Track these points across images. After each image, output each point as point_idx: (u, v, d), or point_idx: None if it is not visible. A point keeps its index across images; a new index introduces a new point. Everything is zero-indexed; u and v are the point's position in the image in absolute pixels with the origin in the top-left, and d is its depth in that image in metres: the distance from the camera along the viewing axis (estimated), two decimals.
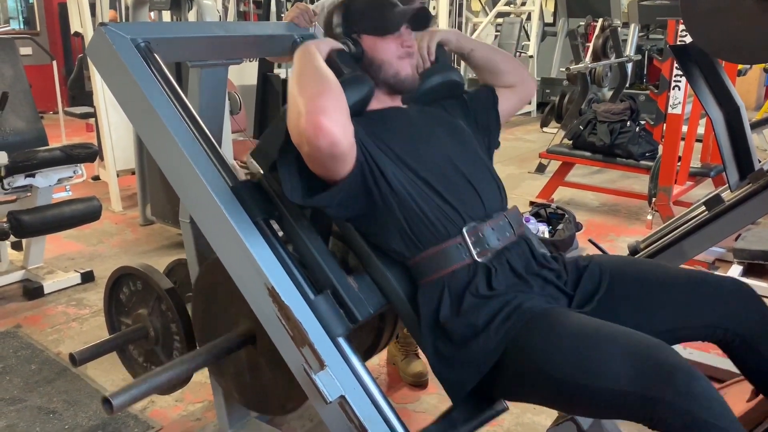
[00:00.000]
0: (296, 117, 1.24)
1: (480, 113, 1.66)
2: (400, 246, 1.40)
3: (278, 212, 1.45)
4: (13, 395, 2.35)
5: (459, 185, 1.43)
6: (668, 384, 1.11)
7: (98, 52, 1.49)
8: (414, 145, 1.44)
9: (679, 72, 3.87)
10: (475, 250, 1.37)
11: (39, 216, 2.97)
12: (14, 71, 3.28)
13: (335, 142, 1.22)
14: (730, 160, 2.13)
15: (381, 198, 1.37)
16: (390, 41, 1.48)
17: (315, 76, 1.30)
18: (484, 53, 1.69)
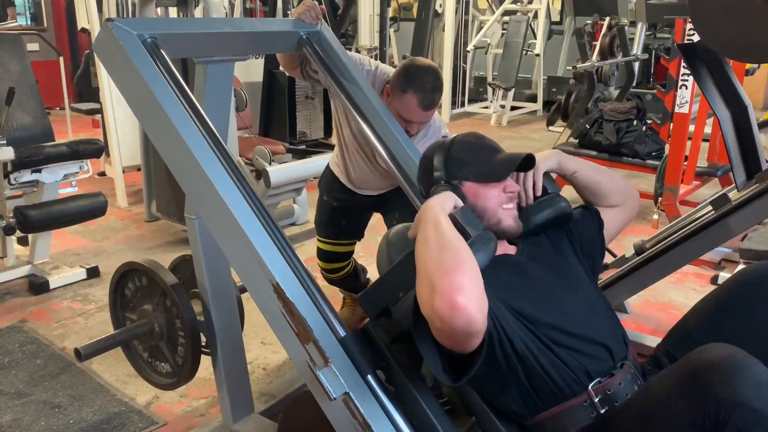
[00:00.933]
0: (429, 293, 1.15)
1: (585, 240, 1.58)
2: (520, 406, 1.34)
3: (386, 363, 1.36)
4: (18, 389, 2.36)
5: (583, 339, 1.35)
6: (713, 376, 1.07)
7: (105, 48, 1.50)
8: (534, 301, 1.37)
9: (687, 71, 3.85)
10: (603, 408, 1.30)
11: (45, 211, 2.98)
12: (21, 67, 3.29)
13: (472, 322, 1.12)
14: (738, 160, 2.12)
15: (505, 361, 1.30)
16: (493, 188, 1.42)
17: (446, 246, 1.20)
18: (588, 174, 1.60)
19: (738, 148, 2.13)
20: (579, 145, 4.62)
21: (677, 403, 1.12)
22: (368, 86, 2.01)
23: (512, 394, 1.33)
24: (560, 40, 8.74)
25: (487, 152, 1.46)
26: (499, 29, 8.67)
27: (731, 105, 2.16)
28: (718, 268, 3.32)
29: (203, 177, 1.41)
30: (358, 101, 1.95)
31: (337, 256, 2.61)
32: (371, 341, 1.37)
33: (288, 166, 3.70)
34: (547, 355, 1.31)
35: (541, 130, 7.37)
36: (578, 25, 7.01)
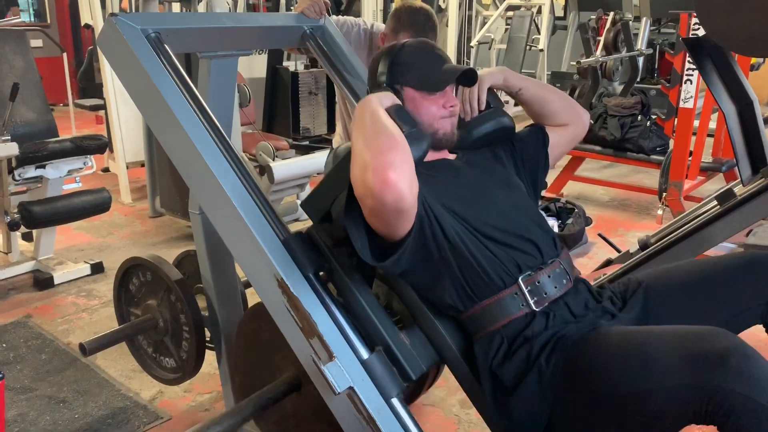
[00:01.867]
0: (362, 170, 1.21)
1: (529, 155, 1.61)
2: (454, 299, 1.37)
3: (329, 265, 1.41)
4: (23, 384, 2.37)
5: (513, 236, 1.40)
6: (721, 367, 1.07)
7: (108, 43, 1.49)
8: (468, 198, 1.43)
9: (691, 66, 3.83)
10: (532, 299, 1.35)
11: (49, 207, 2.99)
12: (25, 63, 3.30)
13: (402, 197, 1.19)
14: (743, 155, 2.11)
15: (438, 251, 1.35)
16: (433, 101, 1.45)
17: (381, 130, 1.27)
18: (535, 91, 1.62)
19: (743, 142, 2.12)
20: (583, 140, 4.59)
21: (676, 376, 1.12)
22: None
23: (445, 286, 1.37)
24: (564, 35, 8.70)
25: (434, 60, 1.47)
26: (503, 24, 8.64)
27: (736, 99, 2.15)
28: None
29: (207, 173, 1.41)
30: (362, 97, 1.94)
31: None
32: (314, 244, 1.42)
33: (291, 162, 3.70)
34: (479, 247, 1.36)
35: None
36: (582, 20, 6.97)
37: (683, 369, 1.10)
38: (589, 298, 1.42)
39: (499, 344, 1.34)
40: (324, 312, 1.35)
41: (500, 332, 1.34)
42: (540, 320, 1.33)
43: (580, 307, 1.38)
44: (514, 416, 1.31)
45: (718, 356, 1.08)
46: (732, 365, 1.06)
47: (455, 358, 1.42)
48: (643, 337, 1.22)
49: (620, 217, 4.30)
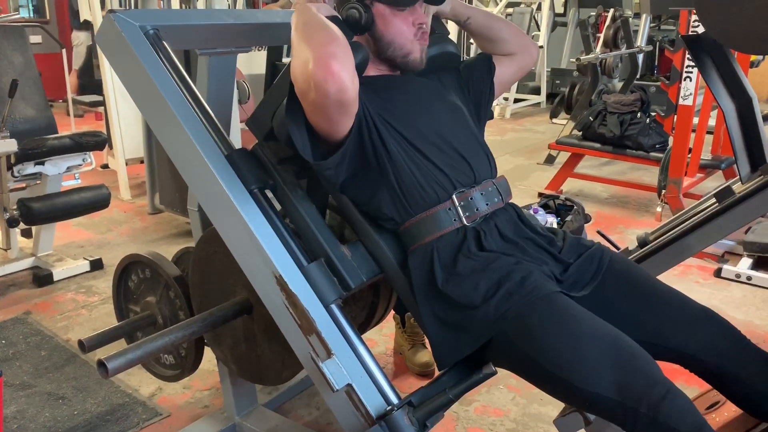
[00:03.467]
0: (303, 63, 1.22)
1: (474, 83, 1.64)
2: (391, 211, 1.41)
3: (273, 181, 1.46)
4: (22, 381, 2.37)
5: (449, 153, 1.44)
6: (646, 396, 1.13)
7: (107, 40, 1.49)
8: (408, 113, 1.46)
9: (691, 63, 3.83)
10: (464, 214, 1.39)
11: (48, 203, 2.99)
12: (24, 59, 3.29)
13: (344, 88, 1.20)
14: (742, 152, 2.11)
15: (376, 159, 1.39)
16: (403, 17, 1.45)
17: (322, 26, 1.27)
18: (482, 20, 1.65)
19: (742, 140, 2.12)
20: (582, 137, 4.61)
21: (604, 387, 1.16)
22: None
23: (383, 197, 1.41)
24: (564, 31, 8.69)
25: None
26: None
27: (736, 97, 2.14)
28: (722, 260, 3.31)
29: (206, 169, 1.41)
30: None
31: None
32: (258, 161, 1.46)
33: None
34: (415, 160, 1.40)
35: (544, 123, 7.35)
36: (582, 16, 6.97)
37: (615, 386, 1.15)
38: (518, 223, 1.45)
39: (433, 257, 1.38)
40: (267, 225, 1.38)
41: (432, 245, 1.39)
42: (471, 238, 1.38)
43: (510, 229, 1.43)
44: (450, 333, 1.34)
45: (645, 385, 1.14)
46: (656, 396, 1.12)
47: (394, 269, 1.46)
48: (584, 329, 1.23)
49: (619, 214, 4.30)
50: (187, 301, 1.81)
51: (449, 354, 1.35)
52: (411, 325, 2.44)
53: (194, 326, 1.59)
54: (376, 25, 1.45)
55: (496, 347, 1.31)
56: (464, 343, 1.33)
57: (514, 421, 2.15)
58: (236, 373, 1.81)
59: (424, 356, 2.40)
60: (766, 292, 3.06)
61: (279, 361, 1.64)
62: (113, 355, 1.45)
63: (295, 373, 1.65)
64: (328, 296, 1.36)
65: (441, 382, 1.35)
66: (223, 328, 1.71)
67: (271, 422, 2.02)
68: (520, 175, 5.15)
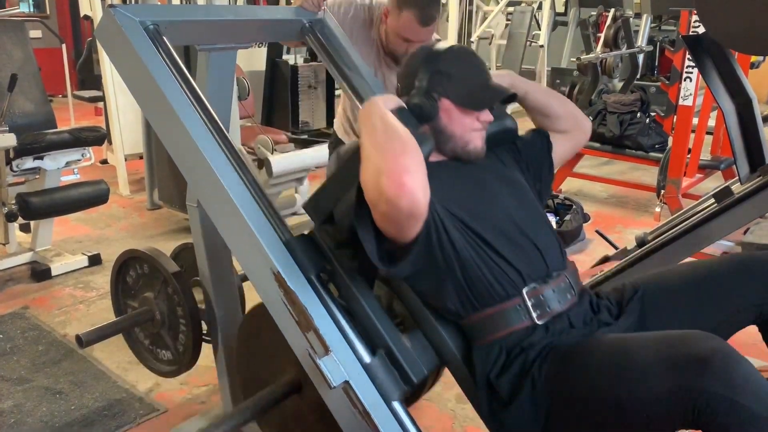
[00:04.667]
0: (375, 174, 1.18)
1: (533, 161, 1.60)
2: (457, 306, 1.36)
3: (331, 267, 1.40)
4: (20, 375, 2.37)
5: (520, 245, 1.38)
6: (703, 370, 1.07)
7: (107, 35, 1.49)
8: (476, 203, 1.41)
9: (691, 63, 3.83)
10: (535, 313, 1.34)
11: (47, 198, 2.98)
12: (24, 54, 3.28)
13: (417, 203, 1.17)
14: (741, 153, 2.11)
15: (443, 257, 1.33)
16: (468, 115, 1.43)
17: (393, 134, 1.23)
18: (539, 96, 1.62)
19: (742, 140, 2.12)
20: None
21: (661, 382, 1.12)
22: (371, 75, 2.00)
23: (448, 292, 1.35)
24: (565, 31, 8.67)
25: (475, 74, 1.45)
26: (503, 20, 8.61)
27: (736, 97, 2.14)
28: None
29: (205, 165, 1.41)
30: (361, 91, 1.94)
31: None
32: (317, 246, 1.41)
33: (290, 156, 3.70)
34: (483, 257, 1.35)
35: None
36: (583, 16, 6.96)
37: (667, 374, 1.11)
38: (588, 311, 1.41)
39: (497, 354, 1.33)
40: (327, 315, 1.34)
41: (500, 342, 1.34)
42: (539, 332, 1.33)
43: (580, 320, 1.38)
44: (509, 426, 1.31)
45: (700, 359, 1.09)
46: (714, 368, 1.07)
47: (456, 362, 1.41)
48: (629, 344, 1.23)
49: (618, 214, 4.30)
50: (185, 297, 1.81)
51: None
52: None
53: (247, 413, 1.52)
54: (440, 118, 1.42)
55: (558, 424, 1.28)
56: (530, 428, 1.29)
57: None
58: None
59: None
60: None
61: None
62: None
63: None
64: (391, 394, 1.32)
65: None
66: None
67: None
68: None
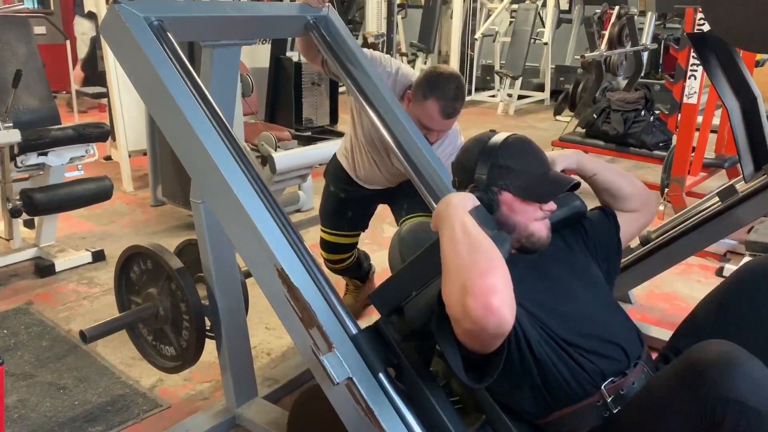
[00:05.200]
0: (460, 293, 1.13)
1: (601, 243, 1.56)
2: (532, 406, 1.33)
3: (397, 361, 1.35)
4: (24, 371, 2.38)
5: (599, 339, 1.35)
6: (708, 373, 1.07)
7: (111, 30, 1.49)
8: (548, 299, 1.38)
9: (696, 61, 3.82)
10: (615, 408, 1.30)
11: (51, 194, 2.99)
12: (28, 50, 3.29)
13: (504, 324, 1.11)
14: (746, 151, 2.11)
15: (519, 359, 1.30)
16: (531, 205, 1.38)
17: (478, 248, 1.17)
18: (608, 177, 1.57)
19: (746, 138, 2.12)
20: (586, 135, 4.60)
21: (676, 400, 1.13)
22: (376, 74, 2.00)
23: (525, 393, 1.32)
24: (569, 28, 8.67)
25: (535, 166, 1.41)
26: (508, 17, 8.61)
27: (740, 95, 2.14)
28: (724, 260, 3.31)
29: (209, 162, 1.41)
30: (366, 89, 1.94)
31: (341, 247, 2.60)
32: (382, 338, 1.36)
33: (293, 153, 3.70)
34: (562, 356, 1.31)
35: (548, 120, 7.33)
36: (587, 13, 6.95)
37: (678, 391, 1.12)
38: None
39: None
40: (397, 417, 1.30)
41: None
42: None
43: None
44: None
45: (701, 365, 1.10)
46: (716, 371, 1.07)
47: None
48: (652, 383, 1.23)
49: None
50: (189, 293, 1.81)
51: None
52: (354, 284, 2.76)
53: None
54: (501, 211, 1.38)
55: None
56: None
57: None
58: None
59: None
60: None
61: None
62: None
63: None
64: None
65: None
66: None
67: (270, 415, 2.02)
68: None
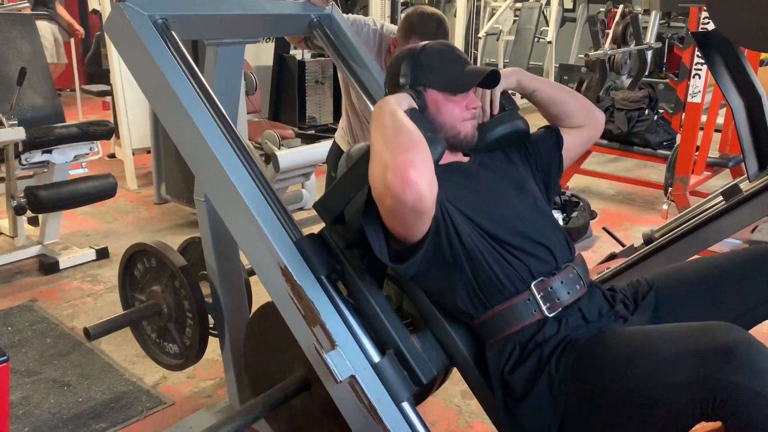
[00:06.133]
0: (382, 170, 1.19)
1: (542, 158, 1.59)
2: (467, 305, 1.37)
3: (341, 267, 1.40)
4: (28, 367, 2.39)
5: (527, 241, 1.39)
6: (727, 360, 1.07)
7: (116, 29, 1.49)
8: (484, 203, 1.41)
9: (700, 60, 3.81)
10: (545, 305, 1.34)
11: (55, 192, 3.00)
12: (32, 48, 3.30)
13: (422, 197, 1.17)
14: (750, 150, 2.10)
15: (452, 256, 1.33)
16: (456, 102, 1.43)
17: (402, 130, 1.24)
18: (549, 92, 1.60)
19: (751, 138, 2.11)
20: None
21: (683, 372, 1.12)
22: (378, 71, 2.00)
23: (459, 293, 1.36)
24: (573, 27, 8.65)
25: (456, 62, 1.45)
26: (512, 16, 8.59)
27: (745, 95, 2.13)
28: None
29: (213, 160, 1.41)
30: (369, 87, 1.94)
31: None
32: (326, 246, 1.41)
33: (297, 151, 3.70)
34: (492, 253, 1.35)
35: None
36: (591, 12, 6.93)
37: (689, 364, 1.10)
38: (603, 304, 1.41)
39: (511, 351, 1.33)
40: (335, 313, 1.34)
41: (513, 338, 1.34)
42: (552, 325, 1.33)
43: (594, 312, 1.38)
44: (526, 423, 1.31)
45: (724, 350, 1.08)
46: (738, 359, 1.06)
47: (467, 363, 1.41)
48: (651, 334, 1.23)
49: (625, 212, 4.29)
50: (192, 291, 1.81)
51: None
52: None
53: (255, 411, 1.53)
54: (428, 110, 1.42)
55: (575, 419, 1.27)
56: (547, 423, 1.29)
57: None
58: None
59: None
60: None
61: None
62: None
63: None
64: (400, 394, 1.32)
65: None
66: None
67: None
68: None
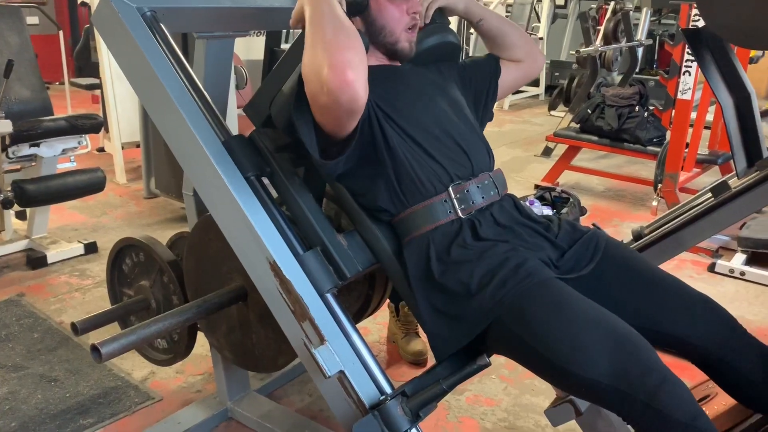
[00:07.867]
0: (318, 66, 1.20)
1: (478, 81, 1.66)
2: (387, 203, 1.42)
3: (270, 169, 1.45)
4: (15, 362, 2.37)
5: (449, 146, 1.45)
6: (642, 383, 1.14)
7: (104, 21, 1.48)
8: (409, 105, 1.46)
9: (690, 57, 3.83)
10: (460, 207, 1.40)
11: (43, 186, 2.97)
12: (20, 40, 3.26)
13: (357, 98, 1.21)
14: (739, 147, 2.11)
15: (375, 152, 1.39)
16: (398, 4, 1.46)
17: (339, 26, 1.24)
18: (494, 23, 1.67)
19: (740, 135, 2.13)
20: (580, 130, 4.60)
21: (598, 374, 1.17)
22: None
23: (379, 189, 1.41)
24: (564, 24, 8.67)
25: None
26: (503, 12, 8.59)
27: (734, 92, 2.15)
28: (716, 255, 3.32)
29: (202, 154, 1.40)
30: None
31: None
32: (256, 148, 1.45)
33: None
34: (413, 152, 1.41)
35: (542, 115, 7.34)
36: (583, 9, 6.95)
37: (611, 373, 1.15)
38: (514, 211, 1.47)
39: (428, 245, 1.38)
40: (263, 212, 1.38)
41: (428, 236, 1.39)
42: (467, 229, 1.38)
43: (505, 217, 1.43)
44: (446, 323, 1.34)
45: (641, 372, 1.14)
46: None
47: (389, 259, 1.46)
48: (580, 314, 1.23)
49: (615, 208, 4.31)
50: (181, 286, 1.80)
51: (446, 345, 1.35)
52: (405, 314, 2.45)
53: (189, 312, 1.59)
54: (371, 8, 1.45)
55: (494, 335, 1.31)
56: (461, 333, 1.32)
57: (505, 411, 2.16)
58: (231, 360, 1.82)
59: (417, 345, 2.40)
60: (758, 287, 3.07)
61: (274, 347, 1.64)
62: (107, 340, 1.45)
63: (290, 360, 1.65)
64: (323, 285, 1.36)
65: (435, 373, 1.35)
66: (217, 315, 1.71)
67: (263, 408, 2.02)
68: (517, 166, 5.15)
